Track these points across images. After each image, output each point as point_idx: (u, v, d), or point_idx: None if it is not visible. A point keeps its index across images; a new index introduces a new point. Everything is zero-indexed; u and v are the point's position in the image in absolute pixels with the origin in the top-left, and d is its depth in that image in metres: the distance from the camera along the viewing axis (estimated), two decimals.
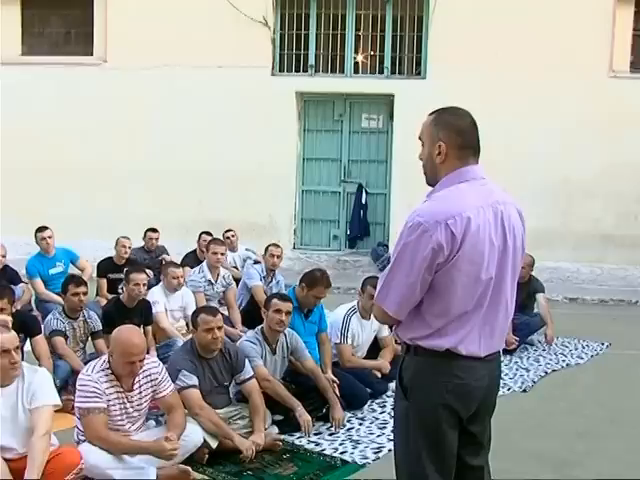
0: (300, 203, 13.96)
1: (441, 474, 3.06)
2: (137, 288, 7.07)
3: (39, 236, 9.09)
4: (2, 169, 13.79)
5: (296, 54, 13.78)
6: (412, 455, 3.07)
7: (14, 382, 4.41)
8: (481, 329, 3.00)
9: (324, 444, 5.57)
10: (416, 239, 2.87)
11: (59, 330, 6.56)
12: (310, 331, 6.66)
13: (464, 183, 3.01)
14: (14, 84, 13.82)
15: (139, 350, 4.70)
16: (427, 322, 2.97)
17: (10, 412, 4.38)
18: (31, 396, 4.39)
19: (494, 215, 2.98)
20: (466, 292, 2.93)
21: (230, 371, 5.52)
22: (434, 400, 2.99)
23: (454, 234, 2.84)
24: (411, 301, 2.95)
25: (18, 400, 4.39)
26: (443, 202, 2.95)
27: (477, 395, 3.05)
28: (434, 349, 2.96)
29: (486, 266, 2.94)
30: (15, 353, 4.35)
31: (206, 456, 5.12)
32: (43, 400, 4.39)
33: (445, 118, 3.07)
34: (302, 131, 13.88)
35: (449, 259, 2.87)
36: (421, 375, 3.02)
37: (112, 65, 13.84)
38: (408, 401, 3.05)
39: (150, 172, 13.47)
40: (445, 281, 2.90)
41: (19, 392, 4.40)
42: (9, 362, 4.31)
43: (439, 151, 3.04)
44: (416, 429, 3.04)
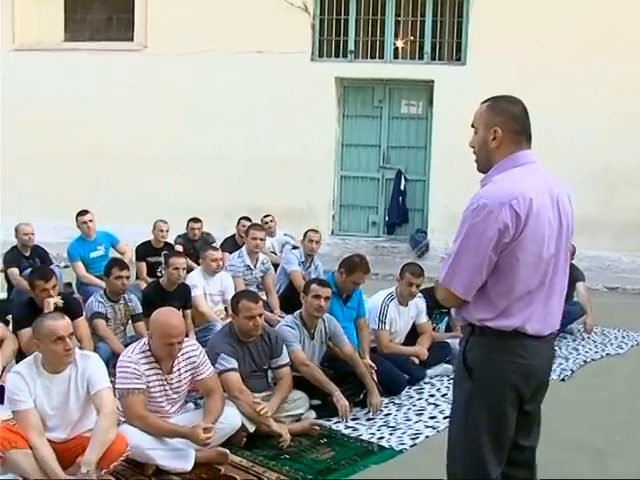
0: (339, 189, 13.93)
1: (497, 453, 3.12)
2: (177, 272, 7.13)
3: (80, 220, 9.19)
4: (44, 154, 14.01)
5: (336, 40, 13.73)
6: (471, 435, 3.12)
7: (67, 369, 4.48)
8: (544, 307, 3.08)
9: (361, 429, 5.58)
10: (482, 220, 2.95)
11: (100, 313, 6.65)
12: (348, 317, 6.66)
13: (519, 167, 3.09)
14: (56, 70, 14.00)
15: (178, 332, 4.75)
16: (493, 302, 3.04)
17: (62, 398, 4.46)
18: (87, 382, 4.46)
19: (550, 198, 3.07)
20: (530, 271, 3.02)
21: (269, 355, 5.55)
22: (500, 380, 3.05)
23: (518, 214, 2.93)
24: (478, 282, 3.03)
25: (70, 386, 4.47)
26: (505, 184, 3.03)
27: (538, 375, 3.14)
28: (502, 329, 3.03)
29: (547, 245, 3.03)
30: (69, 340, 4.41)
31: (244, 439, 5.15)
32: (101, 384, 4.47)
33: (501, 104, 3.16)
34: (341, 117, 13.84)
35: (514, 239, 2.95)
36: (487, 356, 3.08)
37: (152, 51, 13.92)
38: (472, 381, 3.11)
39: (189, 157, 13.54)
40: (510, 261, 2.99)
41: (72, 378, 4.48)
42: (63, 349, 4.37)
43: (494, 136, 3.12)
44: (479, 409, 3.10)
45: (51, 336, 4.36)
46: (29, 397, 4.34)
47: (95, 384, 4.45)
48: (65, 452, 4.31)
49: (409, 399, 6.32)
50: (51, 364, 4.43)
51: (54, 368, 4.45)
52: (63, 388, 4.46)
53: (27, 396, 4.34)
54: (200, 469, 4.76)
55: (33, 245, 8.89)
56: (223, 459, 4.87)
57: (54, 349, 4.36)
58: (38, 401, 4.39)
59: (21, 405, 4.32)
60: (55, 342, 4.35)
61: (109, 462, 4.35)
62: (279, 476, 4.74)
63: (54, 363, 4.43)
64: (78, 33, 14.72)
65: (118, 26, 14.64)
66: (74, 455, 4.27)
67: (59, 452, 4.31)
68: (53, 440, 4.41)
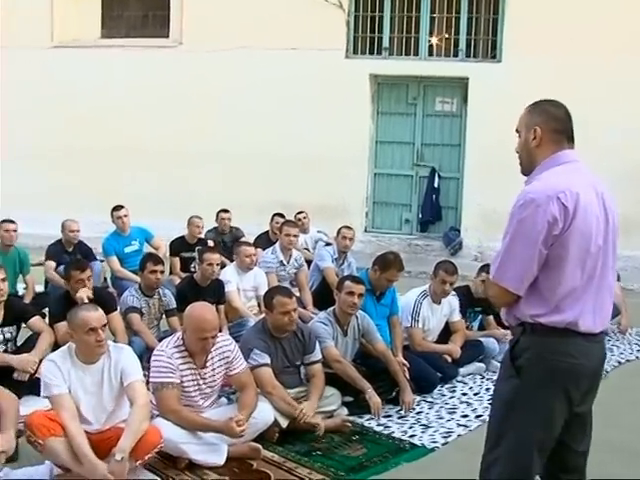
0: (372, 186, 13.90)
1: (540, 453, 3.11)
2: (211, 268, 7.17)
3: (115, 215, 9.28)
4: (79, 150, 14.17)
5: (370, 36, 13.70)
6: (515, 432, 3.10)
7: (100, 360, 4.53)
8: (594, 303, 3.08)
9: (393, 427, 5.58)
10: (530, 214, 2.97)
11: (135, 307, 6.71)
12: (382, 314, 6.66)
13: (562, 166, 3.10)
14: (93, 67, 14.15)
15: (211, 326, 4.78)
16: (545, 297, 3.04)
17: (95, 388, 4.52)
18: (120, 373, 4.52)
19: (595, 194, 3.09)
20: (578, 264, 3.02)
21: (302, 351, 5.56)
22: (549, 380, 3.04)
23: (566, 207, 2.95)
24: (529, 276, 3.04)
25: (104, 378, 4.52)
26: (550, 179, 3.05)
27: (589, 375, 3.12)
28: (555, 326, 3.03)
29: (594, 239, 3.04)
30: (101, 331, 4.47)
31: (276, 435, 5.17)
32: (134, 376, 4.52)
33: (541, 106, 3.20)
34: (375, 114, 13.80)
35: (563, 231, 2.96)
36: (537, 355, 3.06)
37: (187, 47, 13.99)
38: (520, 380, 3.09)
39: (224, 154, 13.60)
40: (559, 254, 2.99)
41: (105, 369, 4.53)
42: (95, 340, 4.43)
43: (534, 135, 3.15)
44: (525, 407, 3.08)
45: (84, 327, 4.43)
46: (63, 383, 4.40)
47: (128, 376, 4.50)
48: (100, 442, 4.36)
49: (441, 397, 6.30)
50: (84, 354, 4.50)
51: (87, 359, 4.51)
52: (97, 379, 4.52)
53: (61, 381, 4.40)
54: (232, 464, 4.79)
55: (77, 242, 8.97)
56: (255, 454, 4.88)
57: (87, 340, 4.43)
58: (72, 390, 4.45)
59: (55, 389, 4.38)
60: (88, 333, 4.42)
61: (143, 453, 4.40)
62: (311, 472, 4.75)
63: (87, 354, 4.49)
64: (115, 30, 14.86)
65: (154, 23, 14.75)
66: (109, 446, 4.31)
67: (94, 442, 4.35)
68: (87, 430, 4.46)
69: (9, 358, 5.84)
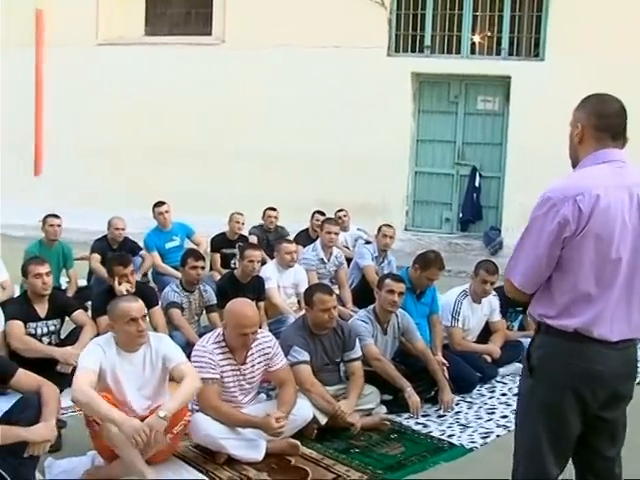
0: (413, 184, 13.85)
1: (556, 455, 3.06)
2: (251, 264, 7.18)
3: (156, 211, 9.36)
4: (123, 146, 14.33)
5: (412, 34, 13.63)
6: (530, 434, 3.09)
7: (141, 349, 4.61)
8: (613, 312, 2.98)
9: (432, 426, 5.57)
10: (544, 213, 2.94)
11: (176, 302, 6.76)
12: (422, 313, 6.65)
13: (601, 165, 3.03)
14: (137, 64, 14.29)
15: (252, 322, 4.81)
16: (555, 299, 3.00)
17: (137, 374, 4.60)
18: (162, 360, 4.60)
19: (629, 197, 2.98)
20: (594, 270, 2.94)
21: (342, 348, 5.56)
22: (560, 382, 3.00)
23: (581, 210, 2.88)
24: (537, 275, 3.01)
25: (145, 365, 4.61)
26: (574, 179, 3.01)
27: (607, 381, 3.01)
28: (562, 329, 2.98)
29: (616, 245, 2.94)
30: (142, 321, 4.55)
31: (315, 432, 5.19)
32: (179, 359, 4.60)
33: (588, 101, 3.14)
34: (417, 112, 13.74)
35: (576, 234, 2.90)
36: (549, 355, 3.04)
37: (230, 45, 14.06)
38: (533, 380, 3.07)
39: (265, 151, 13.64)
40: (572, 257, 2.94)
41: (146, 358, 4.61)
42: (136, 330, 4.52)
43: (577, 132, 3.11)
44: (538, 409, 3.06)
45: (124, 317, 4.51)
46: (97, 362, 4.47)
47: (172, 360, 4.58)
48: None
49: (480, 397, 6.27)
50: (125, 344, 4.58)
51: (128, 348, 4.60)
52: (138, 366, 4.61)
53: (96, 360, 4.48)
54: (271, 460, 4.82)
55: (123, 239, 9.06)
56: (294, 450, 4.91)
57: (127, 330, 4.52)
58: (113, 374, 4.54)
59: (86, 361, 4.48)
60: (128, 323, 4.51)
61: (171, 427, 4.43)
62: (349, 469, 4.75)
63: (127, 343, 4.57)
64: (158, 28, 14.98)
65: (197, 20, 14.84)
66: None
67: None
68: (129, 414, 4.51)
69: (53, 350, 5.96)
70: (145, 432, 4.12)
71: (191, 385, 4.45)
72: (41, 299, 6.16)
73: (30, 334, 6.02)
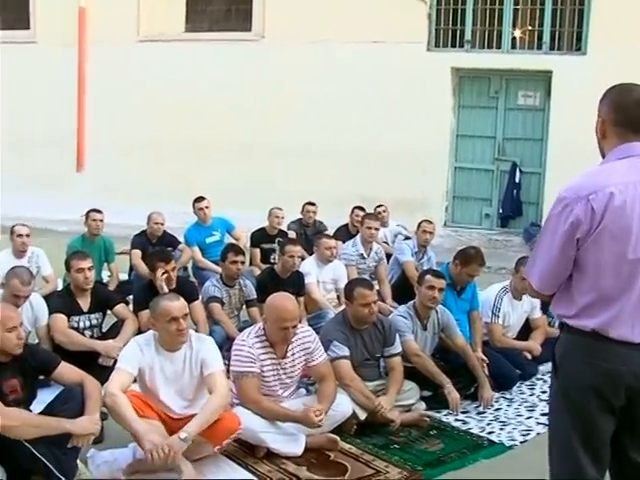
0: (452, 180, 13.78)
1: (592, 460, 2.99)
2: (292, 260, 7.20)
3: (197, 206, 9.42)
4: (164, 142, 14.46)
5: (452, 29, 13.54)
6: (562, 433, 3.04)
7: (182, 349, 4.63)
8: (634, 313, 2.88)
9: (471, 423, 5.55)
10: (558, 213, 2.88)
11: (216, 297, 6.80)
12: (462, 309, 6.61)
13: (622, 160, 2.92)
14: (178, 60, 14.40)
15: (292, 316, 4.82)
16: (573, 299, 2.94)
17: (176, 376, 4.62)
18: (201, 363, 4.60)
19: None
20: (611, 271, 2.86)
21: (382, 343, 5.56)
22: (581, 382, 2.94)
23: (594, 209, 2.80)
24: (554, 276, 2.96)
25: (185, 366, 4.62)
26: (589, 177, 2.91)
27: (630, 382, 2.91)
28: (580, 329, 2.92)
29: (634, 245, 2.84)
30: (183, 320, 4.56)
31: (354, 427, 5.20)
32: (215, 366, 4.60)
33: (610, 94, 3.03)
34: (456, 107, 13.66)
35: (589, 234, 2.83)
36: (569, 355, 2.98)
37: (269, 41, 14.10)
38: (559, 379, 3.03)
39: (305, 146, 13.65)
40: (587, 257, 2.87)
41: (187, 359, 4.63)
42: (177, 329, 4.53)
43: (599, 127, 3.03)
44: (563, 408, 3.02)
45: (166, 316, 4.53)
46: (134, 364, 4.52)
47: (209, 366, 4.58)
48: (176, 428, 4.43)
49: (520, 395, 6.22)
50: (166, 343, 4.60)
51: (169, 347, 4.61)
52: (178, 367, 4.62)
53: (134, 362, 4.53)
54: (310, 454, 4.83)
55: (162, 233, 9.15)
56: (333, 445, 4.92)
57: (168, 328, 4.53)
58: (152, 374, 4.57)
59: (124, 364, 4.53)
60: (169, 322, 4.52)
61: (221, 439, 4.52)
62: (388, 465, 4.75)
63: (169, 342, 4.59)
64: (198, 24, 15.08)
65: (237, 17, 14.90)
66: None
67: (170, 428, 4.46)
68: (166, 415, 4.59)
69: (95, 343, 6.04)
70: (164, 450, 4.14)
71: (217, 404, 4.44)
72: (83, 293, 6.24)
73: (73, 327, 6.11)
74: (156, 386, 4.60)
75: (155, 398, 4.61)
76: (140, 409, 4.40)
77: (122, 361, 4.56)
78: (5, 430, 3.92)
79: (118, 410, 4.28)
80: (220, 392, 4.48)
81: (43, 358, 4.53)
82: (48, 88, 15.23)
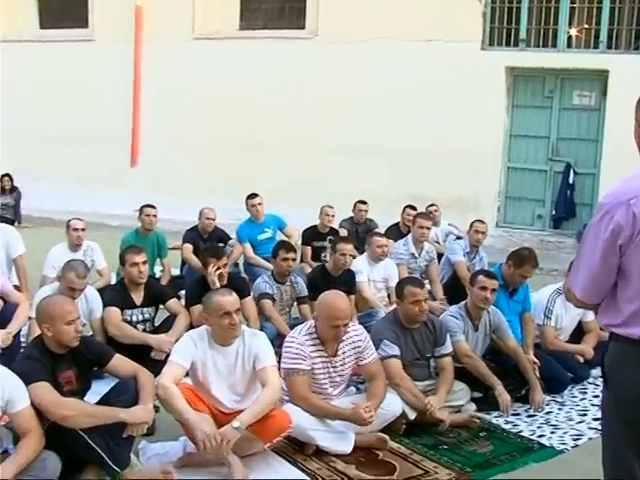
0: (505, 180, 13.66)
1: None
2: (343, 258, 7.20)
3: (249, 203, 9.46)
4: (217, 139, 14.59)
5: (507, 28, 13.42)
6: (614, 444, 3.00)
7: (234, 344, 4.66)
8: None
9: (522, 426, 5.50)
10: (598, 221, 2.82)
11: (268, 293, 6.83)
12: (514, 310, 6.56)
13: None
14: (232, 58, 14.51)
15: (344, 315, 4.82)
16: (619, 308, 2.88)
17: (228, 370, 4.66)
18: (254, 358, 4.63)
19: None
20: None
21: (433, 343, 5.55)
22: (632, 391, 2.87)
23: (635, 214, 2.74)
24: (598, 285, 2.89)
25: (237, 361, 4.66)
26: (629, 181, 2.86)
27: None
28: (628, 337, 2.86)
29: None
30: (235, 315, 4.59)
31: (403, 427, 5.18)
32: (267, 361, 4.62)
33: None
34: (510, 107, 13.53)
35: (631, 240, 2.77)
36: (619, 364, 2.92)
37: (323, 39, 14.12)
38: (609, 390, 2.99)
39: (357, 144, 13.66)
40: (631, 263, 2.80)
41: (239, 354, 4.66)
42: (229, 323, 4.56)
43: (636, 132, 2.94)
44: (617, 419, 2.96)
45: (219, 310, 4.57)
46: (187, 357, 4.57)
47: (261, 361, 4.61)
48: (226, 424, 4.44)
49: (572, 398, 6.14)
50: (219, 337, 4.64)
51: (222, 341, 4.64)
52: (230, 361, 4.66)
53: (188, 356, 4.58)
54: (359, 453, 4.83)
55: (213, 229, 9.23)
56: (382, 445, 4.92)
57: (221, 323, 4.56)
58: (204, 370, 4.62)
59: (177, 357, 4.58)
60: (222, 316, 4.55)
61: (272, 437, 4.54)
62: (437, 466, 4.73)
63: (221, 337, 4.63)
64: (253, 22, 15.17)
65: (290, 14, 14.96)
66: None
67: (220, 423, 4.48)
68: (218, 409, 4.63)
69: (147, 337, 6.12)
70: (217, 440, 4.19)
71: (270, 396, 4.48)
72: (137, 287, 6.33)
73: (126, 321, 6.21)
74: (208, 380, 4.64)
75: (207, 392, 4.65)
76: (192, 402, 4.45)
77: (175, 354, 4.62)
78: (62, 419, 4.01)
79: (170, 401, 4.33)
80: (273, 386, 4.51)
81: (98, 350, 4.60)
82: (104, 85, 15.50)
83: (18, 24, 16.93)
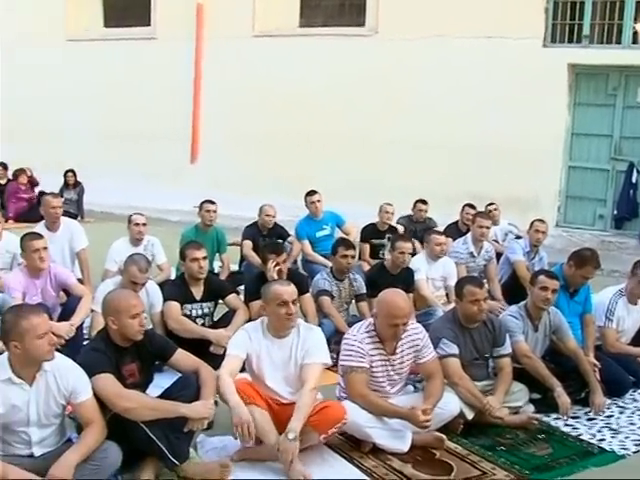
0: (566, 179, 13.48)
1: None
2: (402, 256, 7.18)
3: (308, 200, 9.48)
4: (276, 136, 14.67)
5: (570, 24, 13.22)
6: None
7: (290, 335, 4.72)
8: None
9: (581, 429, 5.42)
10: None
11: (326, 290, 6.87)
12: (574, 311, 6.47)
13: None
14: (292, 55, 14.58)
15: (404, 313, 4.81)
16: None
17: (283, 362, 4.72)
18: (305, 352, 4.67)
19: None
20: None
21: (492, 343, 5.50)
22: None
23: None
24: None
25: (292, 353, 4.71)
26: None
27: None
28: None
29: None
30: (292, 305, 4.65)
31: (461, 426, 5.16)
32: (315, 357, 4.66)
33: None
34: (572, 105, 13.34)
35: None
36: None
37: (383, 36, 14.11)
38: None
39: (416, 142, 13.61)
40: None
41: (293, 346, 4.71)
42: (286, 313, 4.63)
43: None
44: None
45: (276, 299, 4.64)
46: (243, 349, 4.65)
47: (310, 355, 4.65)
48: (282, 414, 4.54)
49: (633, 402, 6.03)
50: (275, 328, 4.70)
51: (277, 332, 4.71)
52: (285, 353, 4.71)
53: (242, 347, 4.66)
54: (415, 452, 4.82)
55: (273, 225, 9.27)
56: (439, 444, 4.90)
57: (278, 312, 4.63)
58: (259, 361, 4.68)
59: (234, 349, 4.67)
60: (279, 305, 4.62)
61: (327, 428, 4.57)
62: (494, 467, 4.70)
63: (278, 327, 4.69)
64: (312, 19, 15.22)
65: (350, 12, 14.97)
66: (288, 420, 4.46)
67: (276, 413, 4.56)
68: (274, 401, 4.67)
69: (207, 332, 6.19)
70: (250, 427, 4.29)
71: (309, 398, 4.50)
72: (197, 282, 6.41)
73: (186, 315, 6.29)
74: (263, 372, 4.70)
75: (262, 384, 4.71)
76: (251, 396, 4.51)
77: (231, 347, 4.71)
78: (124, 411, 4.10)
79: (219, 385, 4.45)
80: (309, 386, 4.54)
81: (161, 344, 4.68)
82: (166, 82, 15.72)
83: (84, 23, 17.30)
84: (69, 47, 16.95)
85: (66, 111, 16.72)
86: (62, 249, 7.70)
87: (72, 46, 16.88)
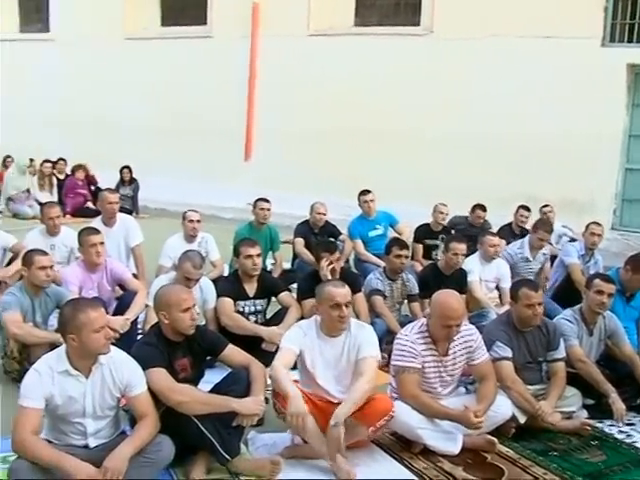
0: (622, 182, 13.23)
1: None
2: (456, 257, 7.17)
3: (362, 199, 9.48)
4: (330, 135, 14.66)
5: (630, 23, 12.97)
6: None
7: (342, 335, 4.73)
8: None
9: (636, 436, 5.33)
10: None
11: (379, 290, 6.88)
12: (630, 316, 6.38)
13: None
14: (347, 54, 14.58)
15: (457, 314, 4.79)
16: None
17: (334, 360, 4.74)
18: (357, 348, 4.69)
19: None
20: None
21: (546, 347, 5.44)
22: None
23: None
24: None
25: (343, 352, 4.73)
26: None
27: None
28: None
29: None
30: (345, 307, 4.66)
31: (513, 430, 5.12)
32: (369, 352, 4.67)
33: None
34: (630, 106, 13.07)
35: None
36: None
37: (438, 35, 14.00)
38: None
39: (471, 141, 13.47)
40: None
41: (345, 345, 4.73)
42: (338, 315, 4.64)
43: None
44: None
45: (329, 301, 4.65)
46: (297, 344, 4.68)
47: (363, 350, 4.66)
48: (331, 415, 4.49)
49: None
50: (327, 327, 4.72)
51: (329, 332, 4.73)
52: (337, 352, 4.73)
53: (296, 342, 4.69)
54: (466, 454, 4.81)
55: (324, 223, 9.31)
56: (490, 447, 4.88)
57: (330, 313, 4.65)
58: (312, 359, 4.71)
59: (285, 342, 4.71)
60: (332, 307, 4.64)
61: (374, 420, 4.56)
62: (546, 472, 4.66)
63: (329, 327, 4.71)
64: (367, 18, 15.20)
65: (405, 11, 14.90)
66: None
67: (329, 412, 4.52)
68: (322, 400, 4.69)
69: (259, 329, 6.25)
70: (304, 420, 4.31)
71: (363, 387, 4.51)
72: (250, 279, 6.46)
73: (238, 312, 6.35)
74: (315, 370, 4.72)
75: (314, 382, 4.73)
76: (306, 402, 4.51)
77: (285, 341, 4.73)
78: (176, 405, 4.16)
79: (275, 376, 4.48)
80: (368, 377, 4.55)
81: (212, 339, 4.73)
82: (221, 80, 15.84)
83: (142, 22, 17.53)
84: (127, 45, 17.19)
85: (123, 109, 16.98)
86: (118, 244, 7.83)
87: (130, 45, 17.12)
